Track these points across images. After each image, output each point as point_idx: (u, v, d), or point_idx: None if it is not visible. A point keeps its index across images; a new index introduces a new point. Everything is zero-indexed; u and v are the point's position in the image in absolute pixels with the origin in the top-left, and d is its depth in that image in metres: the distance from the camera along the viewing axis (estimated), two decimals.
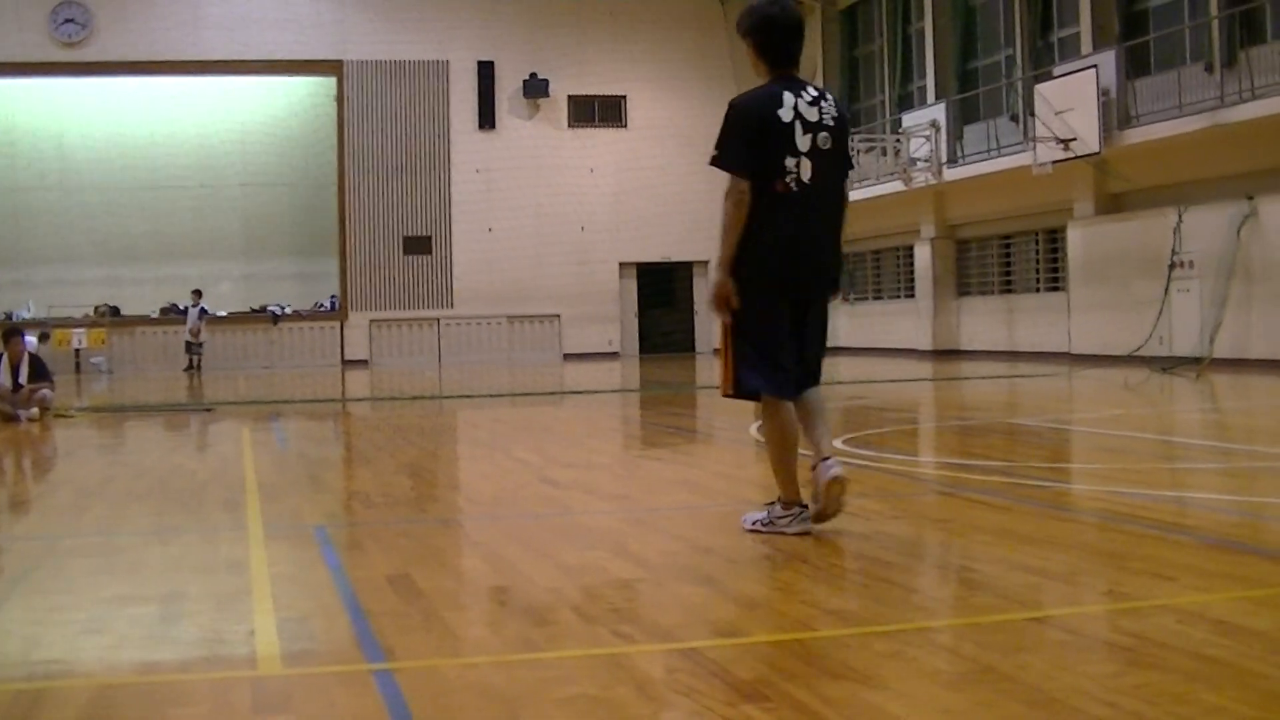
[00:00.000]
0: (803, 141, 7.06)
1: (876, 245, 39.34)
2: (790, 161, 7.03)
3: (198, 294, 37.89)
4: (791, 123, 7.05)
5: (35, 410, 17.70)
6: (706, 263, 42.65)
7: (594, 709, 4.07)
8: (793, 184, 7.03)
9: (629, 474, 11.38)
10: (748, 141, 7.04)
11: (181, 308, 39.28)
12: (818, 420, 7.35)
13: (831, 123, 7.17)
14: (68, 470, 12.40)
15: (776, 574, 6.25)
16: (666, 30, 42.37)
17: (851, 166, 7.53)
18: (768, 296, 7.14)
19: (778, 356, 7.19)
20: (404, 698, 4.26)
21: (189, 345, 37.56)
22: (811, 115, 7.11)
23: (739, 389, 7.31)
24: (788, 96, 7.10)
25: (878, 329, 38.82)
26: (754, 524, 7.31)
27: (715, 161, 7.16)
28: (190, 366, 37.30)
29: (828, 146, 7.14)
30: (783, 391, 7.21)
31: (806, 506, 7.20)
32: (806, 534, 7.09)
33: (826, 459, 7.15)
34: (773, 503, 7.33)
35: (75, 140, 41.27)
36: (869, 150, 35.18)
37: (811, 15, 41.83)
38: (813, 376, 7.39)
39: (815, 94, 7.21)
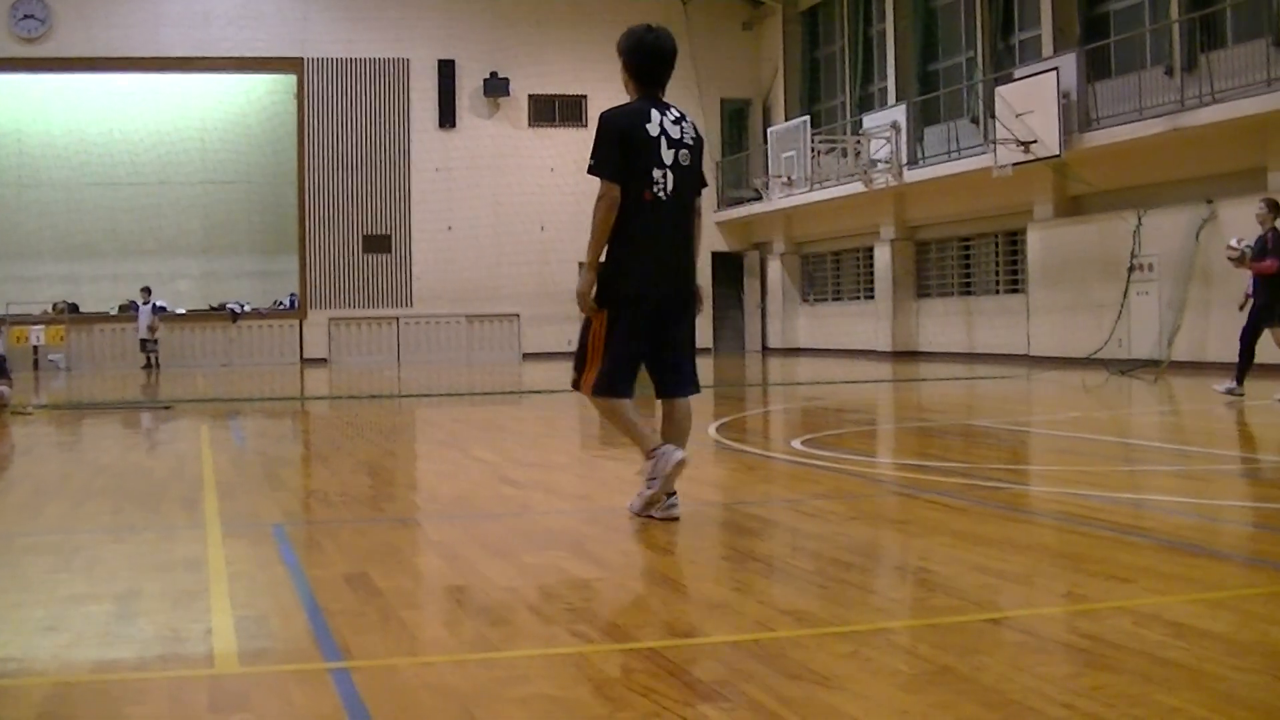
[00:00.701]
0: (667, 155, 7.59)
1: (836, 246, 39.46)
2: (657, 173, 7.55)
3: (147, 291, 37.65)
4: (658, 137, 7.57)
5: None
6: None
7: (551, 709, 4.07)
8: (660, 193, 7.56)
9: (588, 474, 11.39)
10: (619, 151, 7.51)
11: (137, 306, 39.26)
12: (679, 434, 7.89)
13: (691, 142, 7.73)
14: (25, 467, 12.33)
15: (735, 574, 6.25)
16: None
17: (704, 184, 7.99)
18: (631, 302, 7.63)
19: (632, 360, 7.70)
20: (361, 697, 4.24)
21: (144, 343, 37.35)
22: (674, 133, 7.65)
23: (597, 388, 7.70)
24: (654, 113, 7.64)
25: (837, 330, 38.92)
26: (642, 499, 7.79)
27: (592, 170, 7.58)
28: (148, 364, 37.09)
29: (686, 163, 7.68)
30: (621, 392, 7.69)
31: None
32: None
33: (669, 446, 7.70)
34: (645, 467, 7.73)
35: (34, 136, 41.14)
36: (829, 151, 35.26)
37: (773, 16, 41.99)
38: (684, 384, 7.92)
39: (678, 114, 7.76)
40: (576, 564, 6.48)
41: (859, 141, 34.17)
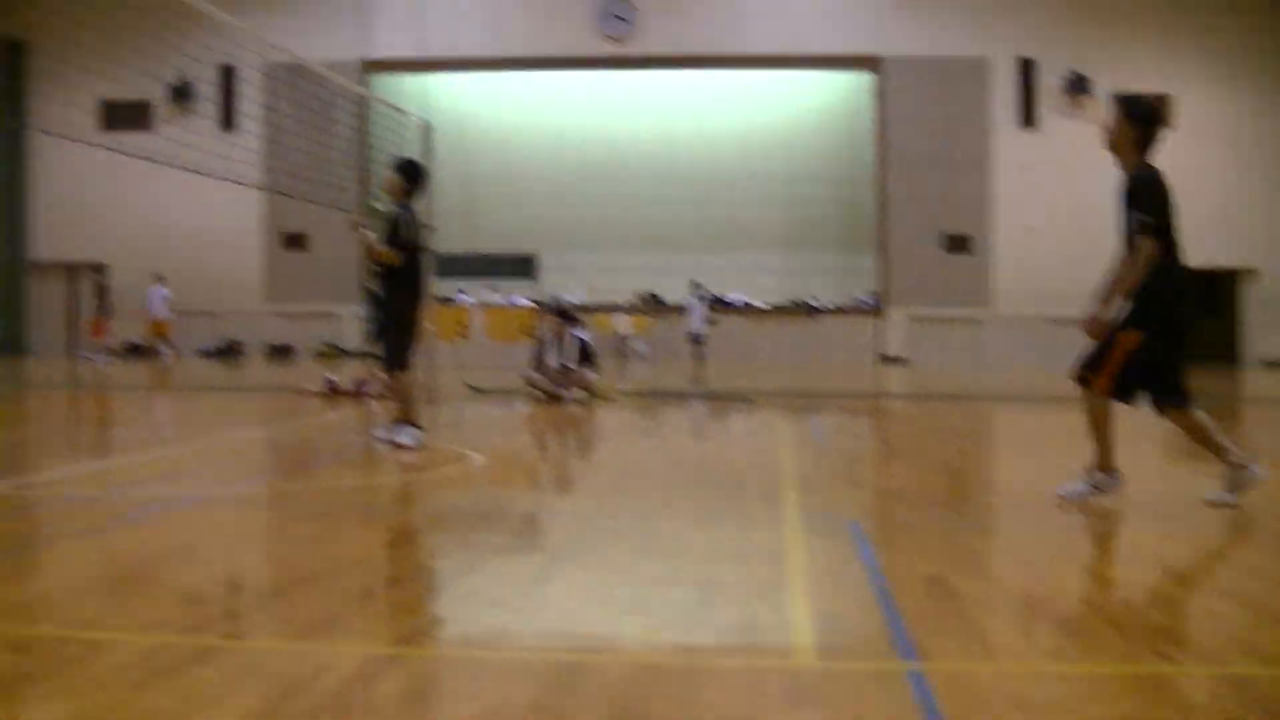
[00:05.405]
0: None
1: None
2: (1174, 231, 8.51)
3: (697, 284, 38.74)
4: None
5: (580, 391, 18.54)
6: (1255, 270, 41.03)
7: None
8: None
9: (1170, 488, 10.92)
10: (1168, 211, 8.49)
11: (725, 298, 40.47)
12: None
13: None
14: (610, 451, 12.84)
15: None
16: (1216, 21, 40.69)
17: None
18: (1166, 322, 8.55)
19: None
20: (935, 700, 4.22)
21: (697, 338, 38.21)
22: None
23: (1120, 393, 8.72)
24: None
25: None
26: (1073, 494, 8.70)
27: (1147, 227, 8.40)
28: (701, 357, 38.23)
29: None
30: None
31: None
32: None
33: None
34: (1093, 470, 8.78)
35: (622, 132, 42.79)
36: None
37: None
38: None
39: None
40: (1159, 579, 6.28)
41: None
